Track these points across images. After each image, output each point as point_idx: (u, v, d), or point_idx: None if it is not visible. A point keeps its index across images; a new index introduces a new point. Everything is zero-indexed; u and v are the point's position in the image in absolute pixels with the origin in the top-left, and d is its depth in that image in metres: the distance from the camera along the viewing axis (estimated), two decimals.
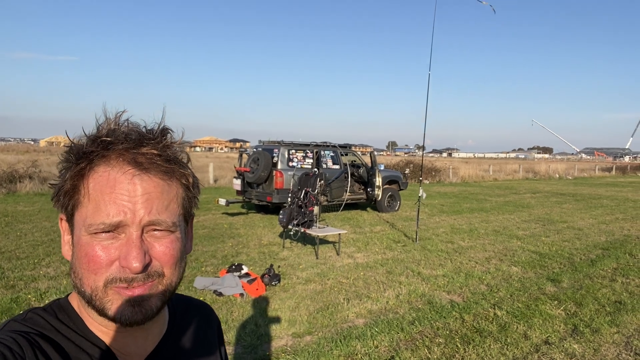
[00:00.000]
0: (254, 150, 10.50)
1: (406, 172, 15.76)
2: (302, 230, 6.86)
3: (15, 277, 5.03)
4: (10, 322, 0.61)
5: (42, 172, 13.90)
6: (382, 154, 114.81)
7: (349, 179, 10.69)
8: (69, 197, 0.60)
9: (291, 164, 10.01)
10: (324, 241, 7.38)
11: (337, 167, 11.03)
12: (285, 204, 7.67)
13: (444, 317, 4.28)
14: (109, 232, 0.58)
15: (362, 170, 11.58)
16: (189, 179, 0.65)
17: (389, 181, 12.05)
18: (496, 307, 4.55)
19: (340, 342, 3.67)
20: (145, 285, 0.59)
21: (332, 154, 11.05)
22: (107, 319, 0.59)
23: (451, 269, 6.02)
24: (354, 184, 11.36)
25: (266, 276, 5.12)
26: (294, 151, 10.18)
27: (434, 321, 4.17)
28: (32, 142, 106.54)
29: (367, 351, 3.53)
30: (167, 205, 0.61)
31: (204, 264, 5.94)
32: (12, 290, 4.63)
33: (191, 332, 0.77)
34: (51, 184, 0.64)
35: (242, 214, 10.54)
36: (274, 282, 5.11)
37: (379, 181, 11.00)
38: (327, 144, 10.92)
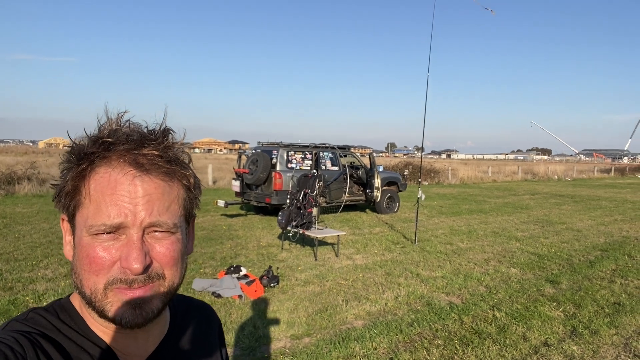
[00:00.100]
0: (253, 151, 10.48)
1: (405, 173, 15.76)
2: (301, 231, 6.86)
3: (13, 279, 5.02)
4: (11, 322, 0.61)
5: (41, 174, 13.86)
6: (381, 155, 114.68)
7: (348, 181, 10.70)
8: (70, 197, 0.61)
9: (290, 166, 10.01)
10: (322, 243, 7.38)
11: (336, 168, 11.03)
12: (284, 206, 7.66)
13: (443, 318, 4.28)
14: (110, 233, 0.58)
15: (361, 171, 11.60)
16: (190, 180, 0.64)
17: (388, 182, 12.06)
18: (495, 309, 4.55)
19: (338, 343, 3.67)
20: (145, 286, 0.59)
21: (331, 156, 11.06)
22: (107, 320, 0.60)
23: (450, 271, 6.02)
24: (353, 185, 11.38)
25: (265, 278, 5.11)
26: (292, 152, 10.18)
27: (432, 323, 4.17)
28: (31, 144, 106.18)
29: (365, 353, 3.53)
30: (168, 206, 0.61)
31: (202, 265, 5.93)
32: (10, 292, 4.62)
33: (192, 333, 0.77)
34: (52, 184, 0.64)
35: (241, 215, 10.53)
36: (272, 284, 5.10)
37: (377, 182, 11.02)
38: (326, 146, 10.92)
